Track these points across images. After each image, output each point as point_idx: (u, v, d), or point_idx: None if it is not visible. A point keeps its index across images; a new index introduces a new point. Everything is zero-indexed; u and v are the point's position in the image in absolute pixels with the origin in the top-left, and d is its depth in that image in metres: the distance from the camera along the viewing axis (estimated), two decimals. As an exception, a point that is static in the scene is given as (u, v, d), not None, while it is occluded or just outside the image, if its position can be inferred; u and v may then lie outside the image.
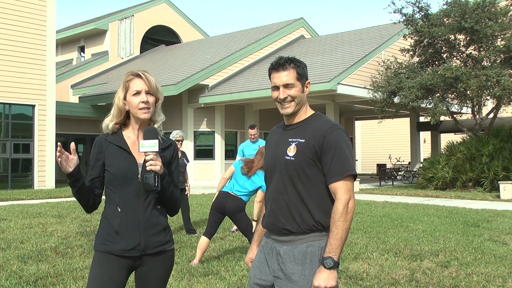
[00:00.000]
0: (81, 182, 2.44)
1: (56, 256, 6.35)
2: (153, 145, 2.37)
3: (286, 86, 2.44)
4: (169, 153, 2.60)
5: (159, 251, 2.52)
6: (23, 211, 11.28)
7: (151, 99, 2.52)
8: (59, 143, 2.31)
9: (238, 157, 8.76)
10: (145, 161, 2.40)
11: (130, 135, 2.57)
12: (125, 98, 2.53)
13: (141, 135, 2.55)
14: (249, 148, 8.74)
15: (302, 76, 2.47)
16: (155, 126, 2.57)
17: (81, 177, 2.43)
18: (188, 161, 8.50)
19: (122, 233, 2.45)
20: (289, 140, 2.46)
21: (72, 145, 2.36)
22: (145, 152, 2.38)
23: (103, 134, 2.57)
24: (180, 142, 8.06)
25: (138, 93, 2.50)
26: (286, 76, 2.44)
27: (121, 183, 2.47)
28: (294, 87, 2.44)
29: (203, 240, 5.91)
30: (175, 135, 7.97)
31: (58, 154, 2.31)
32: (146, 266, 2.51)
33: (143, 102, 2.49)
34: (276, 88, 2.48)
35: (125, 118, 2.59)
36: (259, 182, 5.85)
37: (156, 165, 2.37)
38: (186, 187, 8.37)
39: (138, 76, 2.52)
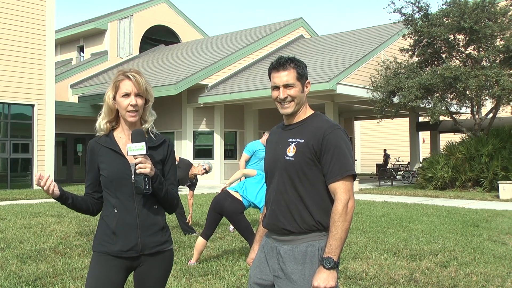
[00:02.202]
0: (71, 197, 2.47)
1: (55, 256, 6.35)
2: (140, 148, 2.36)
3: (286, 86, 2.44)
4: (163, 151, 2.58)
5: (157, 251, 2.51)
6: (22, 210, 11.27)
7: (140, 101, 2.49)
8: (37, 174, 2.33)
9: (246, 155, 8.23)
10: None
11: (121, 135, 2.55)
12: (114, 98, 2.51)
13: None
14: (263, 151, 8.41)
15: (302, 76, 2.46)
16: (147, 125, 2.56)
17: (68, 194, 2.46)
18: (192, 188, 8.43)
19: (119, 234, 2.45)
20: (289, 140, 2.46)
21: (41, 173, 2.38)
22: (134, 155, 2.38)
23: (95, 138, 2.58)
24: (205, 171, 8.16)
25: (127, 95, 2.47)
26: (286, 76, 2.43)
27: (115, 185, 2.47)
28: (294, 87, 2.44)
29: (200, 240, 5.91)
30: (205, 164, 8.21)
31: (41, 182, 2.33)
32: (145, 266, 2.51)
33: (131, 105, 2.46)
34: (276, 88, 2.47)
35: (117, 117, 2.57)
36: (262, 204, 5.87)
37: (145, 168, 2.37)
38: (188, 216, 8.40)
39: (128, 78, 2.49)
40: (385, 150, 30.03)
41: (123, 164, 2.48)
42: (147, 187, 2.38)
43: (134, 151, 2.37)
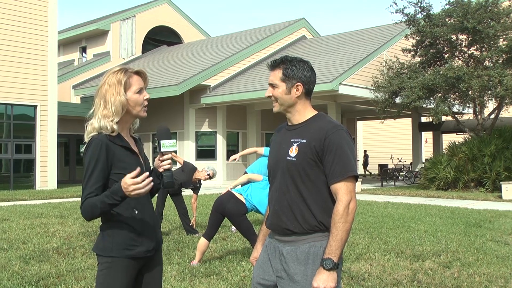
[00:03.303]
0: None
1: (58, 256, 6.36)
2: (173, 144, 2.42)
3: (272, 85, 2.49)
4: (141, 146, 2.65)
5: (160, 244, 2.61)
6: (25, 211, 11.29)
7: None
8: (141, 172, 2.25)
9: (262, 151, 7.68)
10: (160, 160, 2.43)
11: (123, 134, 2.53)
12: None
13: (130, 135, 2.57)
14: None
15: (289, 78, 2.44)
16: (134, 125, 2.57)
17: None
18: (195, 192, 8.60)
19: (143, 235, 2.43)
20: (291, 140, 2.46)
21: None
22: (162, 152, 2.41)
23: (102, 135, 2.37)
24: (209, 177, 8.31)
25: (141, 90, 2.48)
26: (272, 75, 2.49)
27: None
28: (277, 87, 2.47)
29: (202, 241, 5.91)
30: (209, 170, 8.38)
31: (147, 180, 2.23)
32: (153, 262, 2.54)
33: (147, 99, 2.49)
34: None
35: None
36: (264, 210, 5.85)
37: (171, 163, 2.43)
38: (192, 219, 8.45)
39: (138, 73, 2.50)
40: (365, 151, 30.14)
41: (139, 163, 2.48)
42: (174, 181, 2.47)
43: (167, 147, 2.41)
